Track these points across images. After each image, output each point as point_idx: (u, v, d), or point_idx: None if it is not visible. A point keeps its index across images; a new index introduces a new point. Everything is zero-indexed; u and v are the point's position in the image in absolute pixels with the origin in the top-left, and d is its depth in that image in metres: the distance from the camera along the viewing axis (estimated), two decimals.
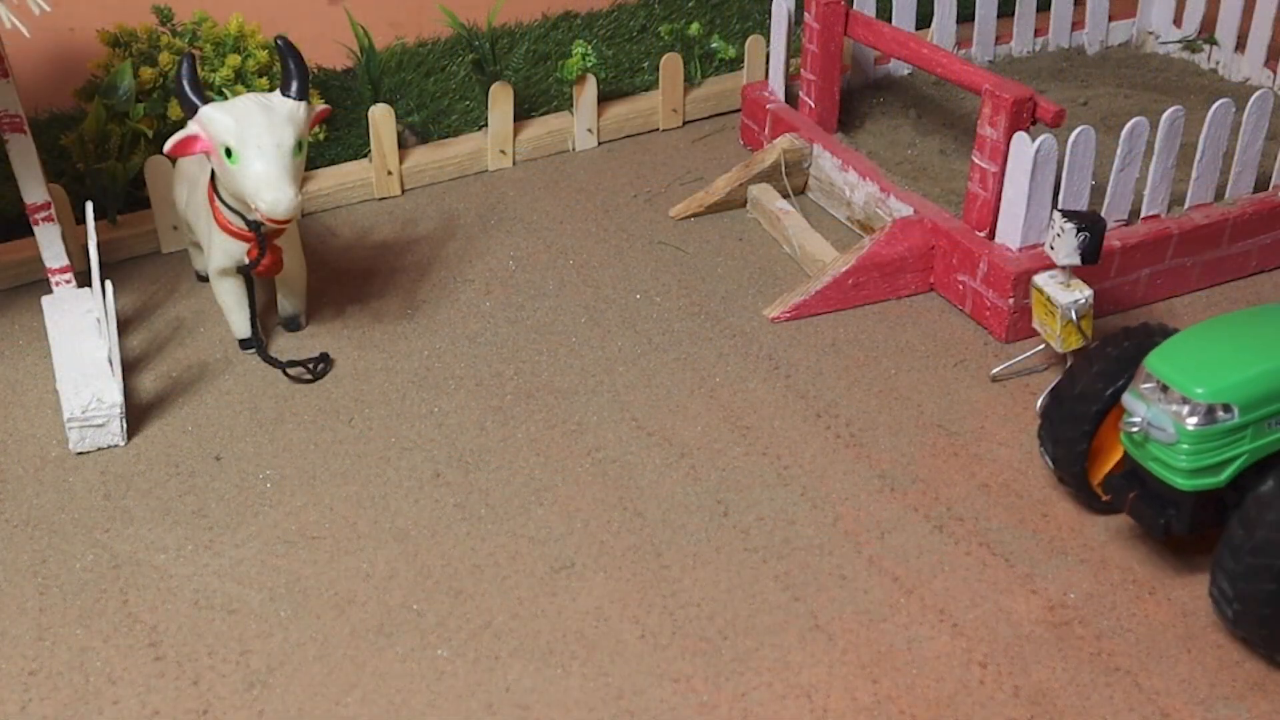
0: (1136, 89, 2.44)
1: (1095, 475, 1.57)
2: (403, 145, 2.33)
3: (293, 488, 1.67)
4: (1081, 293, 1.76)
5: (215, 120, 1.67)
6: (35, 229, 1.93)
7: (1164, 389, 1.42)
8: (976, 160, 1.92)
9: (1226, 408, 1.39)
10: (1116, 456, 1.54)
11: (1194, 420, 1.39)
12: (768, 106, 2.36)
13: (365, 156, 2.31)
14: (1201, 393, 1.39)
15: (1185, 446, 1.40)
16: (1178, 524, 1.45)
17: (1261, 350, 1.42)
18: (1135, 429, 1.43)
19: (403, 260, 2.13)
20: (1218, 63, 2.52)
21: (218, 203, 1.76)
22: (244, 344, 1.91)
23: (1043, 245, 1.87)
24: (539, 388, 1.84)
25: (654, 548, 1.56)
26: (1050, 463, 1.60)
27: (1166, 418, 1.41)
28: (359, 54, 2.36)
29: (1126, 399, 1.46)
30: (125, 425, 1.74)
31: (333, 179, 2.27)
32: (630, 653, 1.43)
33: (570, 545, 1.57)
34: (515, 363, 1.89)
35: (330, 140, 2.31)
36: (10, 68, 1.82)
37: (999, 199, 1.90)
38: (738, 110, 2.52)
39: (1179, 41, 2.58)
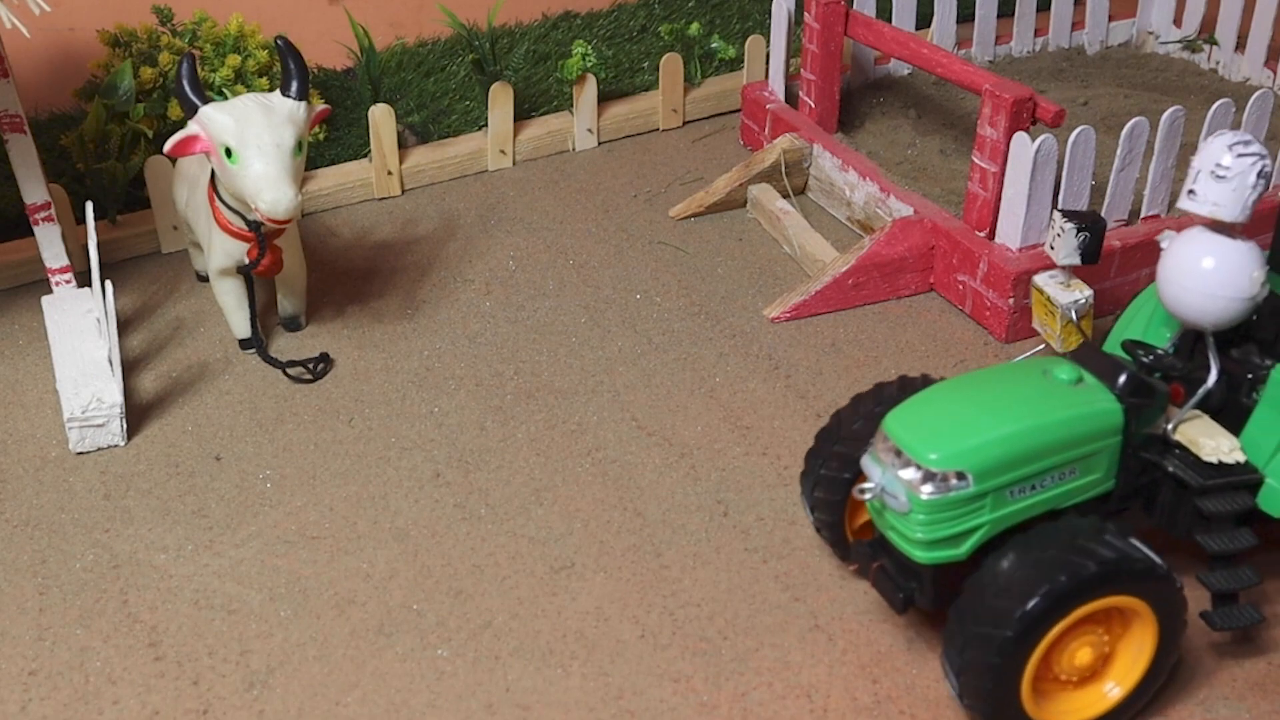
0: (1136, 89, 2.44)
1: (854, 532, 1.48)
2: (403, 145, 2.33)
3: (293, 488, 1.67)
4: (1082, 293, 1.76)
5: (215, 120, 1.67)
6: (35, 229, 1.93)
7: (898, 453, 1.29)
8: (976, 160, 1.92)
9: (961, 475, 1.25)
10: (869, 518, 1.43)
11: (928, 489, 1.26)
12: (768, 106, 2.36)
13: (365, 156, 2.31)
14: (934, 459, 1.26)
15: (919, 517, 1.27)
16: (921, 598, 1.33)
17: (1002, 413, 1.29)
18: (869, 496, 1.31)
19: (403, 260, 2.13)
20: (1218, 63, 2.52)
21: (218, 203, 1.76)
22: (244, 344, 1.91)
23: (1043, 245, 1.87)
24: (539, 388, 1.84)
25: (654, 548, 1.56)
26: (809, 511, 1.49)
27: (900, 485, 1.28)
28: (359, 54, 2.36)
29: (864, 461, 1.33)
30: (125, 425, 1.74)
31: (333, 179, 2.27)
32: (630, 653, 1.43)
33: (570, 545, 1.57)
34: (515, 363, 1.89)
35: (330, 140, 2.31)
36: (10, 68, 1.82)
37: (999, 199, 1.90)
38: (738, 110, 2.52)
39: (1179, 41, 2.58)
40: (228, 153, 1.66)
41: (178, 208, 1.96)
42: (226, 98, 1.90)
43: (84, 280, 1.97)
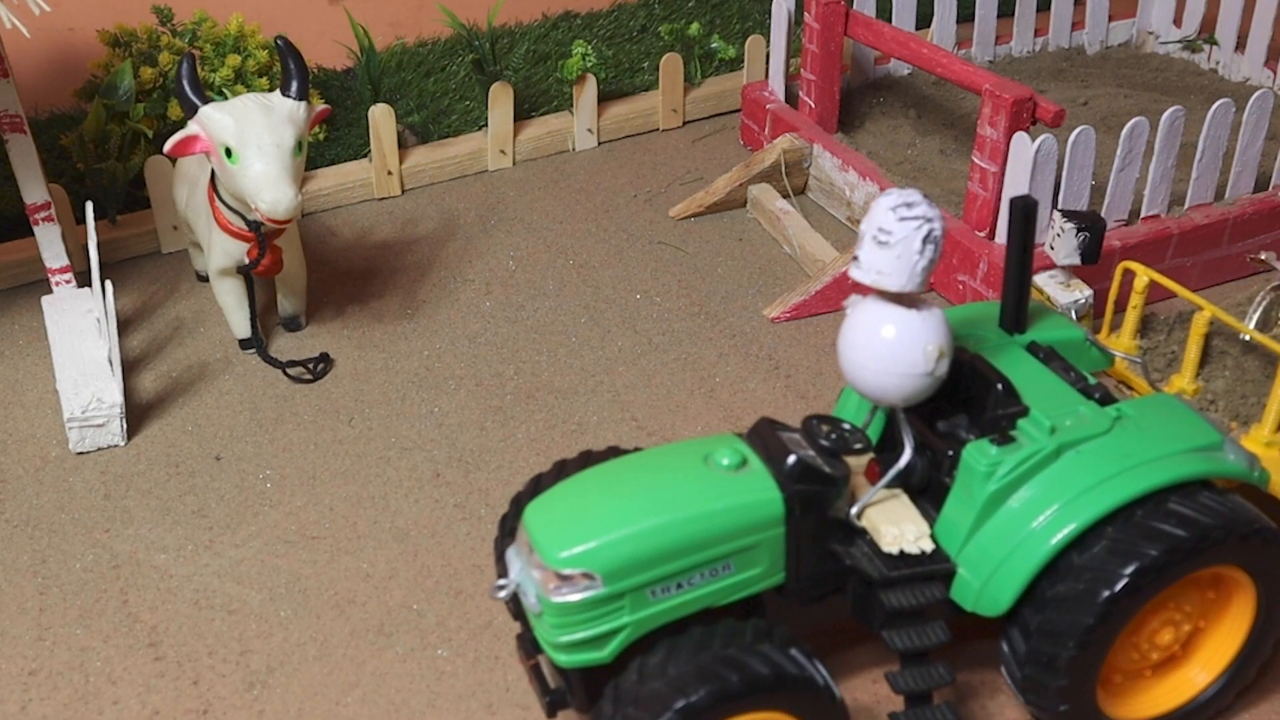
0: (1136, 89, 2.44)
1: None
2: (403, 145, 2.33)
3: (293, 488, 1.67)
4: (1081, 293, 1.76)
5: (215, 120, 1.66)
6: (35, 229, 1.93)
7: (531, 549, 1.19)
8: (976, 160, 1.92)
9: (590, 576, 1.15)
10: None
11: (556, 590, 1.16)
12: (768, 106, 2.36)
13: (365, 156, 2.31)
14: (561, 558, 1.15)
15: (551, 619, 1.17)
16: (573, 699, 1.23)
17: (641, 507, 1.18)
18: (502, 594, 1.21)
19: (403, 260, 2.13)
20: (1218, 63, 2.52)
21: (218, 203, 1.76)
22: (244, 344, 1.91)
23: (1042, 245, 1.87)
24: (539, 388, 1.84)
25: None
26: (498, 573, 1.34)
27: (531, 584, 1.19)
28: (359, 54, 2.36)
29: (508, 554, 1.24)
30: (125, 425, 1.74)
31: (333, 179, 2.27)
32: None
33: None
34: (515, 363, 1.89)
35: (330, 140, 2.31)
36: (10, 68, 1.82)
37: (999, 199, 1.90)
38: (738, 110, 2.52)
39: (1179, 41, 2.58)
40: (228, 153, 1.66)
41: (178, 208, 1.96)
42: (226, 98, 1.90)
43: (84, 280, 1.97)
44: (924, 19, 2.48)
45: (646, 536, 1.16)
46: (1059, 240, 1.72)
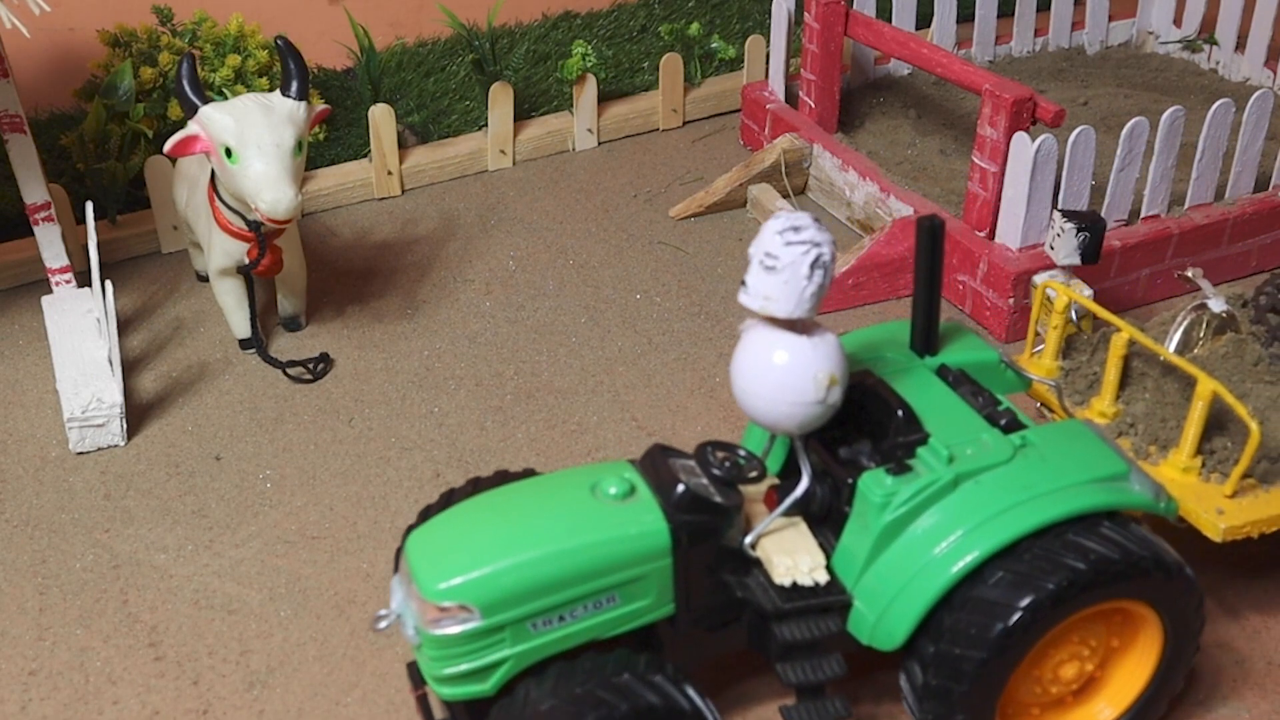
0: (1136, 89, 2.44)
1: None
2: (403, 145, 2.33)
3: (293, 488, 1.67)
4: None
5: (215, 120, 1.66)
6: (35, 229, 1.93)
7: (410, 580, 1.17)
8: (976, 160, 1.92)
9: (466, 609, 1.13)
10: None
11: (433, 623, 1.14)
12: (768, 106, 2.36)
13: (365, 156, 2.31)
14: (438, 590, 1.13)
15: (430, 652, 1.15)
16: None
17: (523, 538, 1.16)
18: (383, 625, 1.18)
19: (403, 260, 2.13)
20: (1218, 63, 2.52)
21: (218, 203, 1.76)
22: (244, 344, 1.91)
23: (1043, 245, 1.87)
24: (539, 388, 1.84)
25: None
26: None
27: (410, 615, 1.16)
28: (359, 54, 2.36)
29: (393, 582, 1.21)
30: (125, 425, 1.74)
31: (333, 179, 2.27)
32: None
33: None
34: (515, 363, 1.89)
35: (330, 140, 2.31)
36: (10, 68, 1.82)
37: (999, 199, 1.90)
38: (738, 110, 2.52)
39: (1179, 41, 2.58)
40: (228, 153, 1.66)
41: (178, 208, 1.96)
42: (226, 98, 1.90)
43: (84, 280, 1.97)
44: (924, 19, 2.48)
45: (526, 568, 1.14)
46: (1059, 240, 1.72)
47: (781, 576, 1.20)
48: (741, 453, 1.22)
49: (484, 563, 1.14)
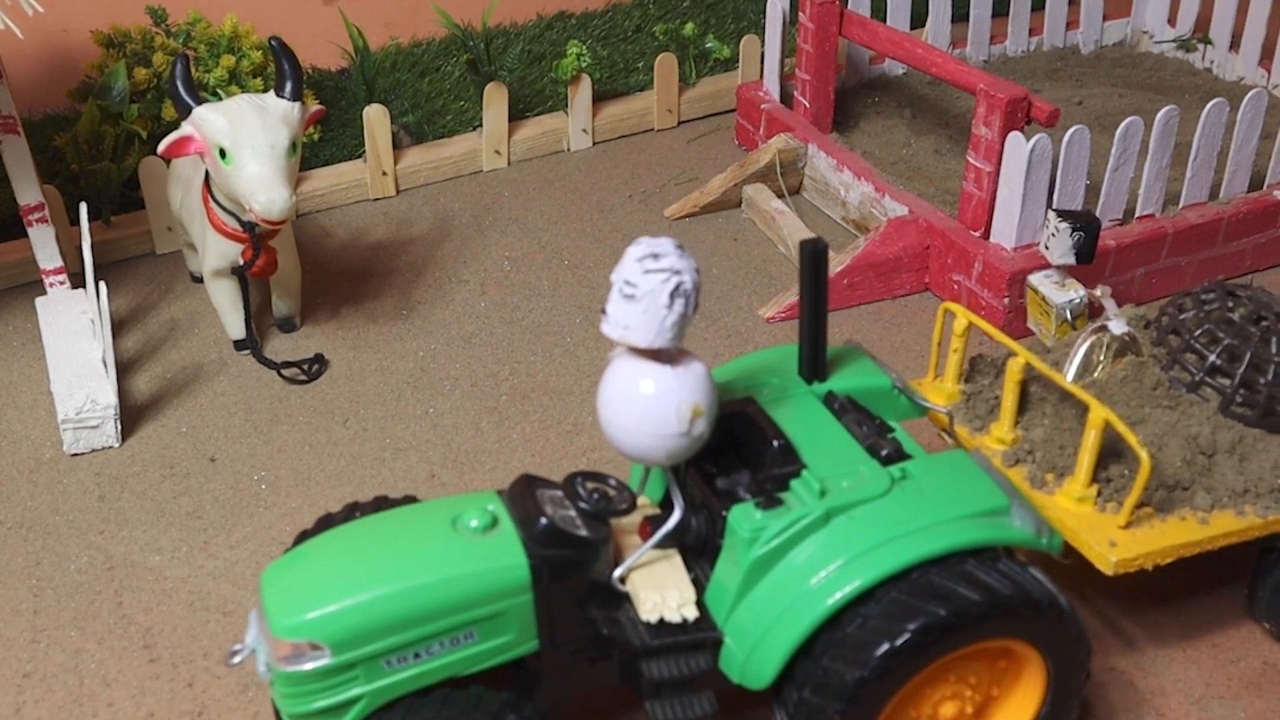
0: (1131, 88, 2.44)
1: None
2: (397, 146, 2.33)
3: (287, 489, 1.66)
4: (1076, 292, 1.76)
5: (209, 121, 1.66)
6: (29, 230, 1.92)
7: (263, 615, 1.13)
8: (971, 160, 1.92)
9: (316, 646, 1.10)
10: None
11: (283, 659, 1.11)
12: (762, 106, 2.36)
13: (360, 157, 2.31)
14: (286, 626, 1.10)
15: (281, 689, 1.12)
16: None
17: (377, 573, 1.12)
18: (235, 660, 1.15)
19: (398, 261, 2.13)
20: (1212, 62, 2.52)
21: (212, 204, 1.76)
22: (239, 345, 1.91)
23: (1037, 245, 1.87)
24: (534, 388, 1.84)
25: None
26: None
27: (262, 649, 1.14)
28: (354, 54, 2.36)
29: (251, 615, 1.17)
30: (119, 427, 1.73)
31: (327, 179, 2.27)
32: None
33: None
34: (510, 363, 1.89)
35: (325, 141, 2.31)
36: (4, 68, 1.82)
37: (994, 198, 1.90)
38: (733, 110, 2.52)
39: (1173, 41, 2.58)
40: (222, 154, 1.66)
41: (172, 209, 1.96)
42: (221, 99, 1.90)
43: (78, 281, 1.97)
44: (918, 19, 2.48)
45: (377, 605, 1.10)
46: (1054, 240, 1.72)
47: (648, 613, 1.17)
48: (612, 483, 1.18)
49: (334, 599, 1.10)
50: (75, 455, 1.72)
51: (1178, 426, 1.38)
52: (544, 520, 1.14)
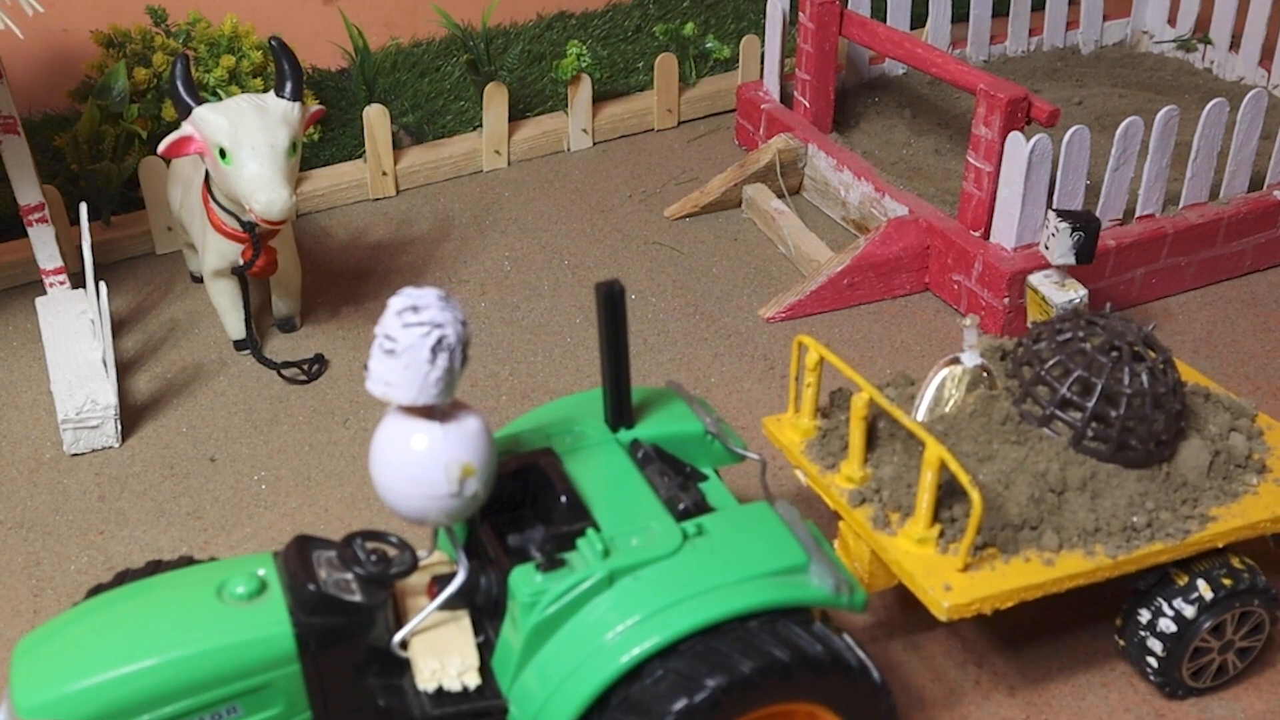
0: (1131, 88, 2.44)
1: None
2: (397, 146, 2.33)
3: (288, 489, 1.66)
4: (1076, 292, 1.76)
5: (209, 121, 1.66)
6: (29, 230, 1.92)
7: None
8: (971, 160, 1.92)
9: None
10: None
11: None
12: (762, 106, 2.36)
13: (360, 157, 2.31)
14: (26, 707, 1.04)
15: None
16: None
17: (128, 646, 1.06)
18: None
19: (398, 261, 2.13)
20: (1212, 62, 2.52)
21: (212, 204, 1.76)
22: (239, 345, 1.91)
23: (1037, 245, 1.87)
24: (534, 388, 1.84)
25: None
26: None
27: None
28: (354, 54, 2.36)
29: (4, 693, 1.11)
30: (120, 427, 1.73)
31: (327, 180, 2.27)
32: None
33: None
34: (510, 363, 1.89)
35: (325, 141, 2.31)
36: (4, 68, 1.82)
37: (994, 198, 1.90)
38: (733, 110, 2.52)
39: (1173, 41, 2.58)
40: (222, 154, 1.66)
41: (172, 209, 1.96)
42: (220, 99, 1.90)
43: (78, 281, 1.97)
44: (918, 19, 2.49)
45: (125, 682, 1.04)
46: (1054, 240, 1.72)
47: (426, 681, 1.11)
48: (394, 540, 1.13)
49: (80, 676, 1.04)
50: (75, 455, 1.72)
51: (1026, 463, 1.29)
52: (312, 586, 1.08)
